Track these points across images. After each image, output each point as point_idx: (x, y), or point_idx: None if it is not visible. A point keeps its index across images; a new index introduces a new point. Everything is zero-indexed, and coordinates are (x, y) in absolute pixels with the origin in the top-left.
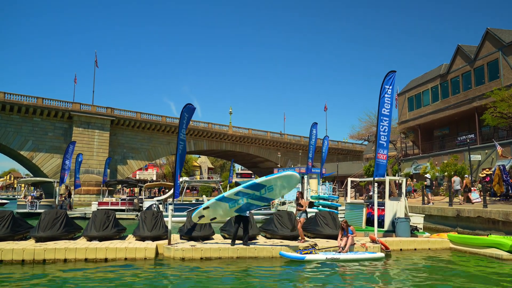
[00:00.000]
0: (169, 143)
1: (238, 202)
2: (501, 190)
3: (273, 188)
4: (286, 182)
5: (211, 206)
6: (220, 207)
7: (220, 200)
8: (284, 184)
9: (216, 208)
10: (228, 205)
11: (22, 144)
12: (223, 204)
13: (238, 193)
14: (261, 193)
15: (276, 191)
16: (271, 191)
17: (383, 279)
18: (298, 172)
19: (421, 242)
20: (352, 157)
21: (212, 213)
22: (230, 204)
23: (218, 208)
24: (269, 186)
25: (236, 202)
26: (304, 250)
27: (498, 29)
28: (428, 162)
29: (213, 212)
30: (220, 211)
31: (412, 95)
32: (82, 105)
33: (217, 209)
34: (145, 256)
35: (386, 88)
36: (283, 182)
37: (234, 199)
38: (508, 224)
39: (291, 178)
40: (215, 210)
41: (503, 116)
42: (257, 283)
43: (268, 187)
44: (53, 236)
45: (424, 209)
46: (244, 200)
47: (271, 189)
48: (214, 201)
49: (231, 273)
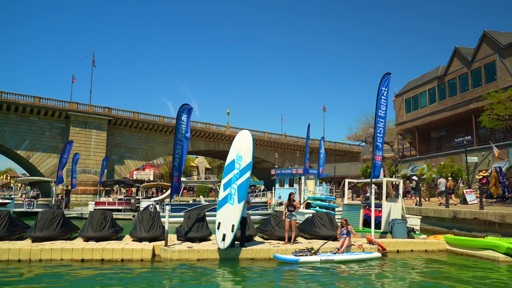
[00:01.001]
0: (166, 143)
1: (232, 193)
2: (497, 192)
3: (240, 155)
4: (240, 141)
5: (221, 221)
6: (227, 213)
7: (221, 208)
8: (242, 143)
9: (225, 216)
10: (229, 204)
11: (19, 144)
12: (226, 208)
13: (225, 187)
14: (237, 167)
15: (244, 153)
16: (241, 158)
17: (378, 280)
18: (295, 173)
19: (418, 244)
20: (350, 158)
21: (229, 223)
22: (229, 201)
23: (227, 214)
24: (237, 156)
25: (231, 195)
26: (299, 253)
27: (495, 31)
28: (425, 163)
29: (227, 221)
30: (231, 215)
31: (410, 96)
32: (79, 105)
33: (228, 215)
34: (141, 257)
35: (383, 90)
36: (240, 143)
37: (227, 194)
38: (505, 226)
39: (241, 136)
40: (227, 218)
41: (500, 118)
42: (253, 285)
43: (237, 157)
44: (50, 236)
45: (421, 210)
46: (233, 186)
47: (240, 157)
48: (218, 215)
49: (228, 274)
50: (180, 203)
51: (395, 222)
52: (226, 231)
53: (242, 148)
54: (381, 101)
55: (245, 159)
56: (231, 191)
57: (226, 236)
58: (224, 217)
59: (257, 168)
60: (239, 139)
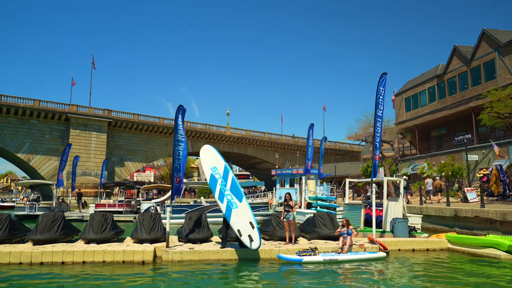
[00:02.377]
0: (166, 145)
1: (230, 199)
2: (498, 190)
3: (213, 167)
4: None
5: (239, 227)
6: (237, 217)
7: (230, 218)
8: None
9: (239, 220)
10: (234, 209)
11: (19, 147)
12: (234, 214)
13: (221, 199)
14: (218, 176)
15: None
16: (216, 168)
17: (381, 280)
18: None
19: (419, 243)
20: (350, 157)
21: (245, 224)
22: (232, 208)
23: (239, 218)
24: (212, 169)
25: (230, 201)
26: (303, 252)
27: (494, 29)
28: (425, 162)
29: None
30: (242, 216)
31: (409, 95)
32: (79, 107)
33: (240, 218)
34: (143, 259)
35: (381, 90)
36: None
37: (227, 204)
38: (506, 224)
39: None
40: (241, 220)
41: (500, 116)
42: (256, 285)
43: (213, 170)
44: (51, 239)
45: (422, 209)
46: (227, 193)
47: (215, 168)
48: (232, 225)
49: (229, 275)
50: (181, 205)
51: (396, 221)
52: (249, 231)
53: (211, 160)
54: (379, 101)
55: (219, 166)
56: (228, 198)
57: (252, 235)
58: (239, 222)
59: (257, 169)
60: (204, 157)
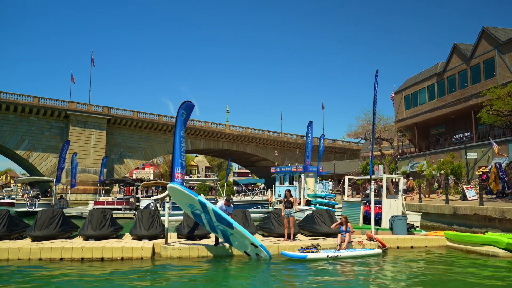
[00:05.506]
0: (166, 142)
1: (223, 229)
2: (497, 187)
3: (189, 204)
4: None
5: (244, 250)
6: (238, 242)
7: (233, 244)
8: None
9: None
10: (231, 237)
11: (18, 144)
12: (234, 241)
13: (213, 230)
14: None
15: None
16: (193, 205)
17: (380, 277)
18: (295, 171)
19: (418, 240)
20: (349, 155)
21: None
22: (230, 236)
23: (239, 243)
24: (190, 206)
25: (224, 231)
26: (306, 249)
27: (494, 27)
28: (424, 160)
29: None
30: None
31: (409, 93)
32: (78, 104)
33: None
34: (141, 255)
35: (376, 87)
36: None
37: (223, 234)
38: (505, 221)
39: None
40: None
41: (499, 114)
42: (254, 281)
43: (191, 207)
44: (50, 235)
45: (421, 207)
46: (217, 225)
47: (191, 205)
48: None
49: (228, 272)
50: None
51: (395, 219)
52: (255, 250)
53: (183, 199)
54: (376, 98)
55: (194, 202)
56: (220, 228)
57: (259, 253)
58: (242, 245)
59: (257, 166)
60: (175, 197)
